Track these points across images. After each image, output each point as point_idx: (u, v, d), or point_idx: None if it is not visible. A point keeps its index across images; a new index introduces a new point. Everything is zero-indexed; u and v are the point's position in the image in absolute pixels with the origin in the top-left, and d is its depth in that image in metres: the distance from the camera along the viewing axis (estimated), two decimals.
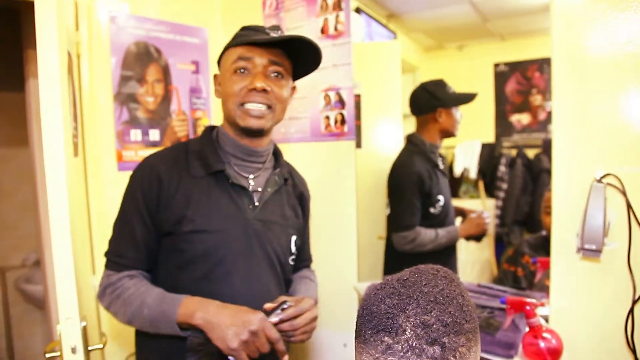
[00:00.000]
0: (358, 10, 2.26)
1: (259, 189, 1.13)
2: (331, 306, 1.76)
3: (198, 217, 1.05)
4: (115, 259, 1.08)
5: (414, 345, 0.50)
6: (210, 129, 1.18)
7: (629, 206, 1.10)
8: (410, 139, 1.99)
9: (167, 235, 1.07)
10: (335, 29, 1.65)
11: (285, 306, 1.00)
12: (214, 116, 1.98)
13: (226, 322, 0.95)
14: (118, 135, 1.71)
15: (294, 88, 1.19)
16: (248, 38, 1.06)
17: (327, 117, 1.70)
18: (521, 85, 3.27)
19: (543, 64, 3.13)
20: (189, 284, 1.06)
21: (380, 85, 2.24)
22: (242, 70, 1.07)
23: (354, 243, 1.73)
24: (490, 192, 3.09)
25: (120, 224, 1.10)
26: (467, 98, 1.92)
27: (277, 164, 1.21)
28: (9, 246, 2.79)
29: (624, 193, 1.11)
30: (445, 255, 1.93)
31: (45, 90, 1.11)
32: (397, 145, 2.24)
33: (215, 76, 1.17)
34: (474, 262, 2.81)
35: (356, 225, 1.73)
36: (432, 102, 1.90)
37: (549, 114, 3.13)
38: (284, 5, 1.79)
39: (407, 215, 1.84)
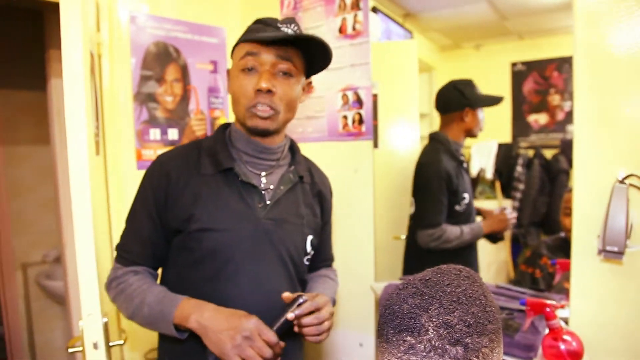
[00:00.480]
0: (374, 10, 2.25)
1: (271, 187, 1.10)
2: (347, 306, 1.77)
3: (206, 215, 1.03)
4: (123, 253, 1.09)
5: (436, 345, 0.50)
6: (224, 127, 1.16)
7: None
8: (434, 137, 1.97)
9: (176, 234, 1.07)
10: (354, 28, 1.65)
11: (301, 300, 0.98)
12: (232, 116, 1.99)
13: (220, 326, 0.94)
14: (138, 135, 1.73)
15: (309, 84, 1.16)
16: (256, 34, 1.03)
17: (345, 117, 1.70)
18: (539, 85, 3.23)
19: (562, 63, 3.09)
20: (198, 283, 1.05)
21: (397, 84, 2.24)
22: (249, 68, 1.03)
23: (371, 243, 1.73)
24: (507, 192, 3.06)
25: (130, 220, 1.11)
26: (495, 100, 1.93)
27: (293, 161, 1.17)
28: (30, 242, 2.85)
29: None
30: (467, 254, 1.92)
31: (70, 90, 1.13)
32: (414, 145, 2.24)
33: (227, 71, 1.14)
34: (490, 263, 2.78)
35: (373, 225, 1.72)
36: (461, 100, 1.90)
37: (567, 114, 3.09)
38: (302, 5, 1.79)
39: (435, 212, 1.82)
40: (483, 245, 2.25)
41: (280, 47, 1.03)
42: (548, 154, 3.04)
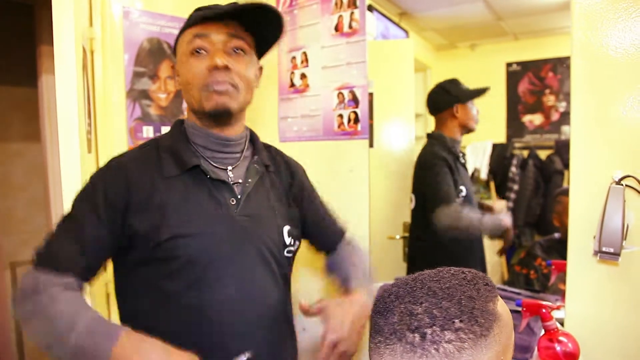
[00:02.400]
0: (370, 8, 2.24)
1: (240, 181, 1.02)
2: None
3: (177, 221, 0.93)
4: (51, 256, 0.90)
5: (397, 329, 0.53)
6: (180, 122, 1.06)
7: None
8: (430, 135, 2.02)
9: (143, 245, 0.93)
10: (350, 26, 1.64)
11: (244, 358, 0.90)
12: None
13: None
14: (130, 132, 1.71)
15: (261, 69, 1.10)
16: (202, 13, 0.96)
17: (340, 116, 1.69)
18: (534, 86, 3.24)
19: (557, 64, 3.09)
20: (178, 294, 0.94)
21: (392, 84, 2.23)
22: (198, 50, 0.95)
23: (365, 243, 1.72)
24: (501, 193, 3.07)
25: (66, 224, 0.94)
26: (480, 91, 1.97)
27: (255, 151, 1.09)
28: (20, 241, 2.81)
29: None
30: (472, 256, 1.94)
31: (62, 87, 1.11)
32: (409, 145, 2.23)
33: (172, 67, 1.06)
34: None
35: (369, 225, 1.71)
36: (448, 98, 1.95)
37: (562, 115, 3.10)
38: (298, 3, 1.78)
39: (446, 191, 1.82)
40: None
41: (230, 24, 0.97)
42: (542, 154, 3.04)
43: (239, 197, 1.00)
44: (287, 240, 1.08)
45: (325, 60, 1.71)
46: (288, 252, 1.09)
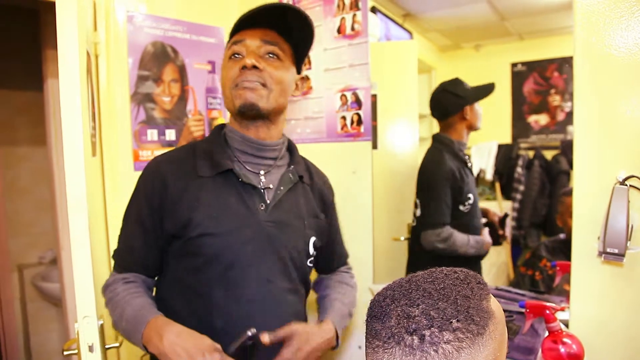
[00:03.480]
0: (374, 10, 2.24)
1: (271, 186, 1.07)
2: None
3: (206, 219, 1.00)
4: (117, 259, 1.09)
5: (395, 332, 0.52)
6: (220, 128, 1.13)
7: None
8: (437, 138, 1.96)
9: (174, 240, 1.03)
10: (352, 28, 1.64)
11: (249, 334, 0.93)
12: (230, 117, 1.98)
13: (177, 355, 0.90)
14: (135, 135, 1.72)
15: (303, 79, 1.15)
16: (238, 21, 1.04)
17: (344, 118, 1.69)
18: (539, 86, 3.22)
19: (562, 64, 3.08)
20: (202, 288, 1.02)
21: (396, 85, 2.23)
22: (236, 55, 1.04)
23: (369, 244, 1.71)
24: (507, 193, 3.06)
25: (124, 225, 1.09)
26: (488, 89, 1.93)
27: (292, 161, 1.14)
28: (26, 243, 2.84)
29: None
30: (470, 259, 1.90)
31: (65, 91, 1.11)
32: (413, 146, 2.23)
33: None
34: (490, 265, 2.77)
35: (372, 227, 1.71)
36: (458, 102, 1.89)
37: (568, 115, 3.08)
38: (301, 5, 1.78)
39: (440, 213, 1.80)
40: None
41: (265, 32, 1.04)
42: (548, 155, 3.03)
43: (268, 202, 1.05)
44: (312, 250, 1.13)
45: (328, 63, 1.72)
46: (310, 262, 1.15)
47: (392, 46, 2.33)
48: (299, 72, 1.14)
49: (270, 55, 1.04)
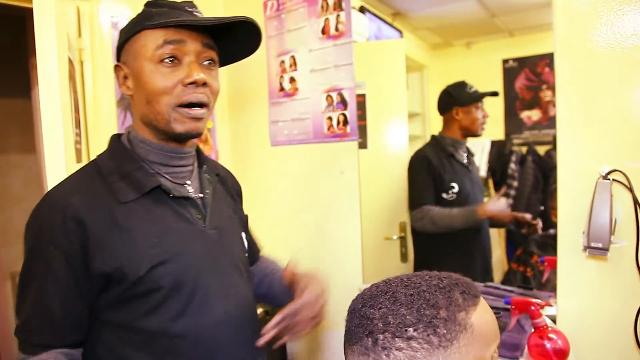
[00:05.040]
0: (363, 10, 2.24)
1: (201, 195, 0.95)
2: (336, 307, 1.75)
3: (150, 249, 0.83)
4: (27, 338, 0.83)
5: (355, 331, 0.54)
6: (118, 138, 0.95)
7: (636, 203, 1.08)
8: (433, 137, 2.09)
9: (114, 285, 0.82)
10: (336, 29, 1.64)
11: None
12: (218, 120, 1.98)
13: None
14: None
15: None
16: (175, 15, 0.84)
17: (330, 118, 1.69)
18: (531, 81, 3.21)
19: (552, 59, 3.07)
20: (162, 327, 0.84)
21: (385, 84, 2.22)
22: (171, 58, 0.83)
23: (358, 244, 1.71)
24: (501, 190, 3.05)
25: (28, 293, 0.83)
26: (480, 96, 2.02)
27: (202, 161, 1.01)
28: (19, 252, 2.79)
29: (630, 189, 1.08)
30: (472, 253, 1.96)
31: (45, 97, 1.12)
32: (403, 145, 2.22)
33: (117, 67, 0.90)
34: None
35: (361, 226, 1.71)
36: (448, 102, 2.02)
37: None
38: (285, 7, 1.78)
39: (416, 194, 1.91)
40: None
41: (206, 35, 0.88)
42: (541, 150, 3.02)
43: (204, 210, 0.94)
44: (246, 244, 1.06)
45: (313, 64, 1.72)
46: (247, 256, 1.07)
47: (380, 45, 2.32)
48: None
49: (210, 61, 0.89)
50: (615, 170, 1.10)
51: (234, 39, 0.93)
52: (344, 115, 1.66)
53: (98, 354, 0.86)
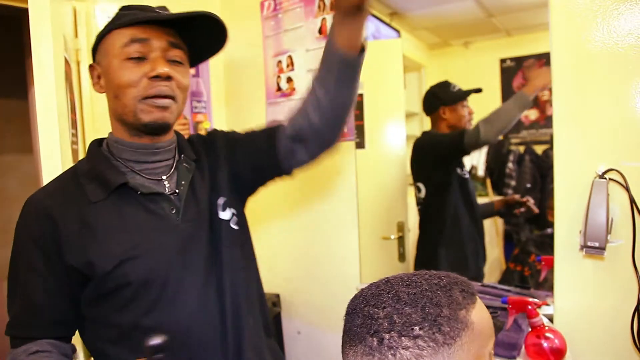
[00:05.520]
0: None
1: (176, 191, 0.96)
2: (333, 307, 1.75)
3: (119, 245, 0.86)
4: (17, 333, 0.89)
5: (359, 331, 0.54)
6: (97, 143, 0.99)
7: (632, 202, 1.08)
8: (424, 132, 2.17)
9: (88, 280, 0.87)
10: None
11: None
12: (215, 119, 1.98)
13: None
14: None
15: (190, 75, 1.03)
16: (142, 16, 0.88)
17: None
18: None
19: (550, 59, 3.08)
20: (135, 322, 0.87)
21: (383, 84, 2.22)
22: (138, 57, 0.87)
23: (356, 243, 1.71)
24: (499, 189, 3.06)
25: (13, 287, 0.90)
26: (464, 94, 2.03)
27: (180, 150, 1.02)
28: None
29: (627, 189, 1.08)
30: (470, 248, 1.98)
31: (41, 98, 1.11)
32: (401, 145, 2.22)
33: (91, 67, 0.96)
34: None
35: (359, 226, 1.71)
36: (434, 102, 2.07)
37: None
38: (282, 7, 1.78)
39: (452, 136, 1.95)
40: None
41: (170, 32, 0.91)
42: (539, 149, 3.03)
43: (178, 204, 0.94)
44: (225, 214, 1.01)
45: (310, 63, 1.71)
46: (234, 223, 1.02)
47: (378, 45, 2.32)
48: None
49: (176, 60, 0.92)
50: (611, 170, 1.11)
51: (202, 36, 0.96)
52: None
53: (87, 349, 0.93)
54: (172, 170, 0.98)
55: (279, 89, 1.81)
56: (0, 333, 0.96)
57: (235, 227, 1.02)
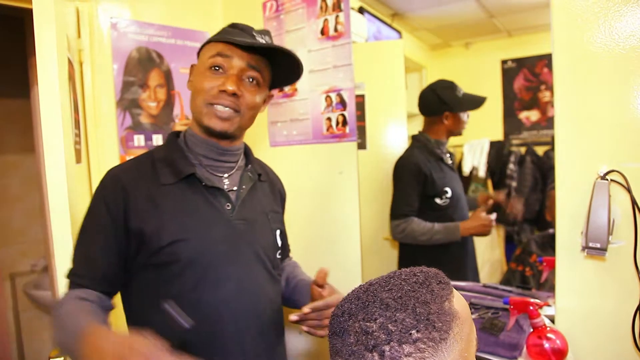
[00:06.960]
0: (362, 11, 2.24)
1: (235, 188, 1.09)
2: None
3: (176, 226, 0.98)
4: (72, 277, 0.99)
5: (355, 350, 0.51)
6: (175, 134, 1.13)
7: (634, 203, 1.08)
8: (414, 137, 2.04)
9: (143, 250, 0.98)
10: (335, 30, 1.64)
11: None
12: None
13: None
14: (122, 141, 1.72)
15: (270, 96, 1.16)
16: (231, 37, 1.02)
17: (329, 119, 1.69)
18: (529, 82, 3.22)
19: (551, 60, 3.08)
20: (179, 296, 0.98)
21: (384, 85, 2.23)
22: (217, 67, 1.02)
23: (357, 244, 1.71)
24: (500, 190, 3.06)
25: (79, 240, 1.01)
26: (476, 103, 1.96)
27: (249, 162, 1.16)
28: (19, 252, 2.83)
29: (628, 190, 1.09)
30: (457, 254, 1.93)
31: (45, 98, 1.12)
32: (402, 146, 2.23)
33: (192, 66, 1.11)
34: (483, 262, 2.77)
35: (360, 227, 1.71)
36: (440, 106, 1.95)
37: None
38: (284, 8, 1.78)
39: (401, 204, 1.88)
40: (477, 245, 2.25)
41: (253, 56, 1.04)
42: (540, 150, 3.03)
43: (234, 202, 1.06)
44: (279, 242, 1.17)
45: (312, 64, 1.72)
46: (279, 253, 1.18)
47: (379, 46, 2.33)
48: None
49: (251, 80, 1.04)
50: (613, 171, 1.11)
51: (283, 65, 1.09)
52: (343, 115, 1.66)
53: (133, 304, 1.03)
54: (233, 172, 1.10)
55: (281, 89, 1.82)
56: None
57: (278, 241, 1.17)
